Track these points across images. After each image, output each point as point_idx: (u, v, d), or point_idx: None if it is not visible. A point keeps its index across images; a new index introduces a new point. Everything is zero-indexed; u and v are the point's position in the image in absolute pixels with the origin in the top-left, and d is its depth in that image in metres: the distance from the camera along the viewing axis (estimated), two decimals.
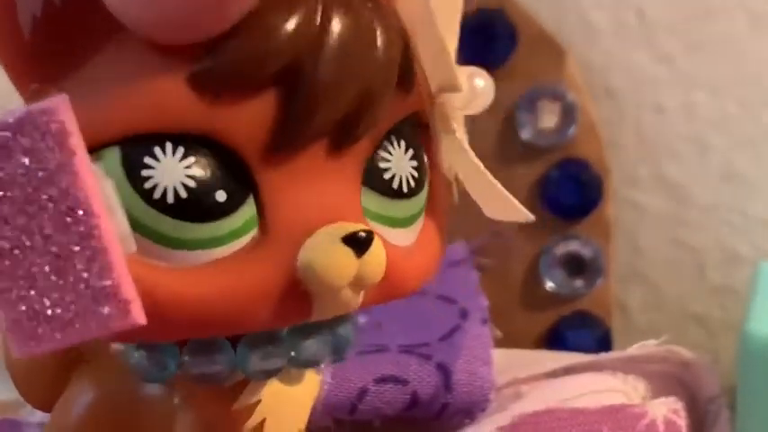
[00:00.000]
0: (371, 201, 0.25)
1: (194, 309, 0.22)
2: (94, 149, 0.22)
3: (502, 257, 0.50)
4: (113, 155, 0.22)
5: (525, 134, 0.50)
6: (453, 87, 0.26)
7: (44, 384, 0.27)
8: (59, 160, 0.20)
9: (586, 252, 0.50)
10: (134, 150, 0.22)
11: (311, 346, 0.25)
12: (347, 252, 0.23)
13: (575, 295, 0.51)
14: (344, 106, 0.23)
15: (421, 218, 0.26)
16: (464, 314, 0.40)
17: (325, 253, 0.23)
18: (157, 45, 0.22)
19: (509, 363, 0.40)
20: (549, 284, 0.50)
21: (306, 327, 0.25)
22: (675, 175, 0.52)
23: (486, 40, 0.50)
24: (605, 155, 0.50)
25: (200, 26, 0.22)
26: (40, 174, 0.20)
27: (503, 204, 0.27)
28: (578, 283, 0.50)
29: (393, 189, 0.25)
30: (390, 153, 0.25)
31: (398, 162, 0.25)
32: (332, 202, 0.24)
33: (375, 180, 0.25)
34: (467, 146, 0.27)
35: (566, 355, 0.42)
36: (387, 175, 0.25)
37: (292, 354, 0.25)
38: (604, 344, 0.50)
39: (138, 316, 0.20)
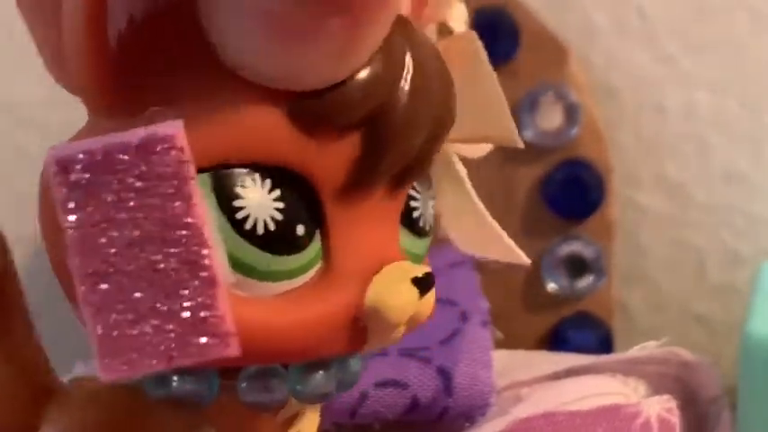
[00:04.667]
0: (404, 238, 0.25)
1: (265, 338, 0.23)
2: None
3: None
4: (205, 183, 0.22)
5: (527, 134, 0.50)
6: (513, 143, 0.27)
7: (12, 414, 0.26)
8: (176, 187, 0.20)
9: (588, 253, 0.50)
10: (226, 179, 0.22)
11: (355, 365, 0.26)
12: (415, 293, 0.24)
13: (576, 296, 0.51)
14: (414, 148, 0.24)
15: None
16: (464, 317, 0.40)
17: (397, 293, 0.24)
18: None
19: (510, 364, 0.40)
20: (551, 285, 0.50)
21: None
22: (676, 175, 0.52)
23: (488, 39, 0.50)
24: (608, 155, 0.50)
25: (318, 79, 0.22)
26: (154, 199, 0.20)
27: (499, 245, 0.28)
28: (580, 283, 0.50)
29: (419, 227, 0.26)
30: (419, 193, 0.26)
31: (424, 202, 0.26)
32: (386, 240, 0.24)
33: (407, 219, 0.25)
34: (470, 187, 0.27)
35: (566, 357, 0.42)
36: (415, 214, 0.26)
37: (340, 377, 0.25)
38: (606, 345, 0.50)
39: (235, 348, 0.20)
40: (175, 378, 0.24)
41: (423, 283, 0.24)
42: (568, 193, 0.50)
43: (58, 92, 0.24)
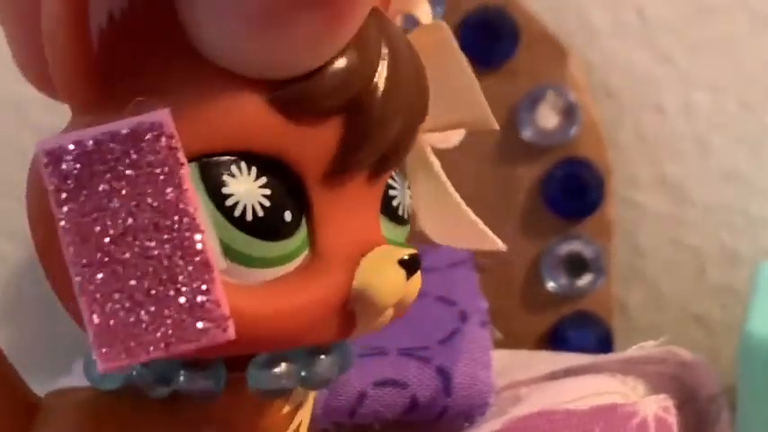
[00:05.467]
0: (384, 226, 0.26)
1: (255, 326, 0.23)
2: None
3: (502, 258, 0.50)
4: (193, 172, 0.22)
5: (526, 134, 0.50)
6: (488, 125, 0.27)
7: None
8: (168, 174, 0.20)
9: (588, 252, 0.50)
10: (213, 168, 0.23)
11: (351, 349, 0.26)
12: (402, 275, 0.24)
13: (576, 295, 0.51)
14: (392, 136, 0.24)
15: None
16: (464, 317, 0.41)
17: (384, 275, 0.24)
18: None
19: (509, 364, 0.40)
20: (551, 284, 0.51)
21: None
22: (675, 175, 0.53)
23: (488, 38, 0.51)
24: (607, 155, 0.51)
25: (295, 68, 0.23)
26: (146, 187, 0.20)
27: (473, 233, 0.28)
28: (579, 283, 0.51)
29: (398, 216, 0.26)
30: (396, 182, 0.26)
31: (402, 191, 0.26)
32: (369, 226, 0.25)
33: (386, 207, 0.26)
34: (444, 177, 0.28)
35: (565, 356, 0.42)
36: (394, 203, 0.26)
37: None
38: (605, 344, 0.50)
39: (232, 332, 0.20)
40: (183, 373, 0.24)
41: (409, 265, 0.24)
42: (568, 192, 0.50)
43: None
